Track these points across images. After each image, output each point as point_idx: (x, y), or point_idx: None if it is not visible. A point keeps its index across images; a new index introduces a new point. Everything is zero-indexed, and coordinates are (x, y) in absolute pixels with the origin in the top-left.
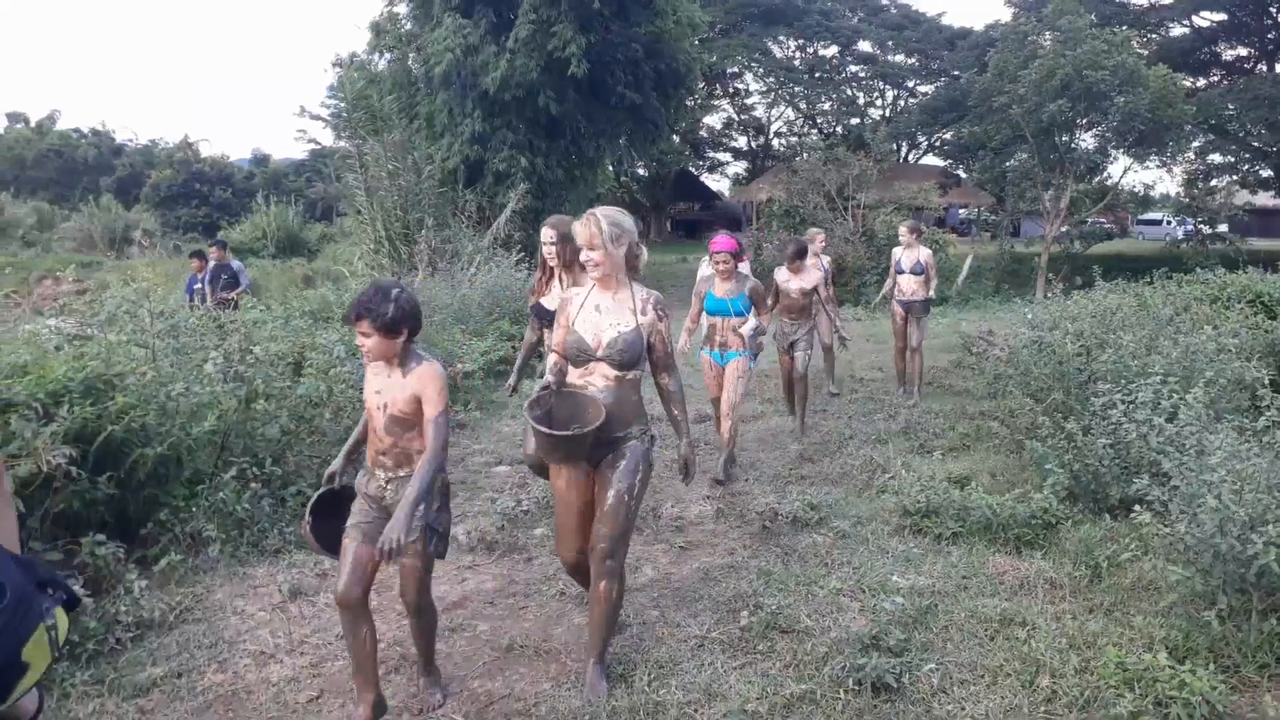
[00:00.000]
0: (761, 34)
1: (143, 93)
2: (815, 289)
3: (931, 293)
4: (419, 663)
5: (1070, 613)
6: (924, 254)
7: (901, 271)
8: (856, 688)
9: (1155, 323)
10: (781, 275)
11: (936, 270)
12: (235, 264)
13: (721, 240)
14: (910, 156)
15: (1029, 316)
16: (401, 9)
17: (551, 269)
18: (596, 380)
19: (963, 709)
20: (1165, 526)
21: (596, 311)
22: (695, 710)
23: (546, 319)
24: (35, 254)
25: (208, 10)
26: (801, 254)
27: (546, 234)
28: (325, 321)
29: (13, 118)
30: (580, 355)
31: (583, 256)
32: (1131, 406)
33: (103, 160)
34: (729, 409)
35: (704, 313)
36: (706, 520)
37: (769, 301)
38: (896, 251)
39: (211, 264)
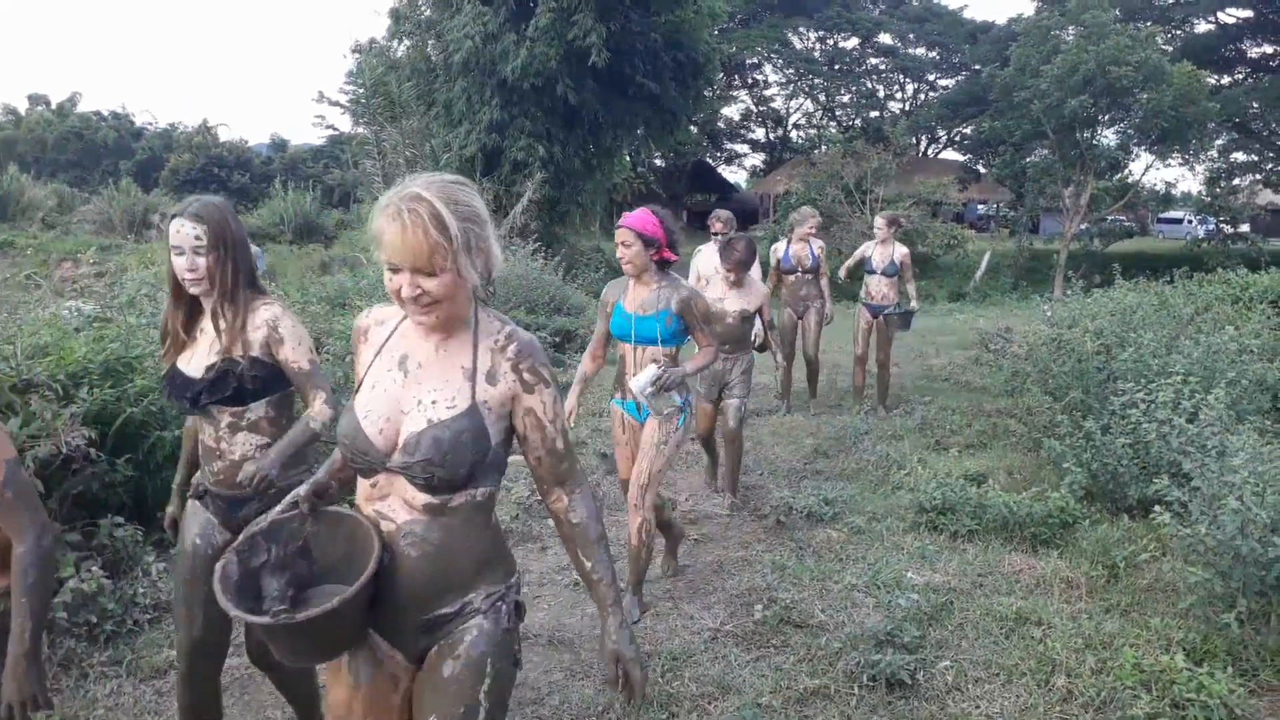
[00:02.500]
0: (781, 25)
1: (163, 76)
2: (759, 312)
3: (914, 303)
4: (727, 479)
5: (1087, 613)
6: (899, 252)
7: (871, 271)
8: (871, 684)
9: (1176, 322)
10: (712, 291)
11: (913, 272)
12: (253, 249)
13: (633, 216)
14: (930, 151)
15: (1048, 314)
16: None
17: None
18: (394, 511)
19: (978, 707)
20: (1185, 528)
21: (400, 371)
22: (708, 703)
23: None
24: (55, 236)
25: None
26: (745, 260)
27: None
28: (342, 308)
29: (34, 100)
30: (359, 458)
31: (395, 284)
32: (1151, 406)
33: (122, 143)
34: (640, 496)
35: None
36: (720, 514)
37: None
38: (868, 246)
39: None
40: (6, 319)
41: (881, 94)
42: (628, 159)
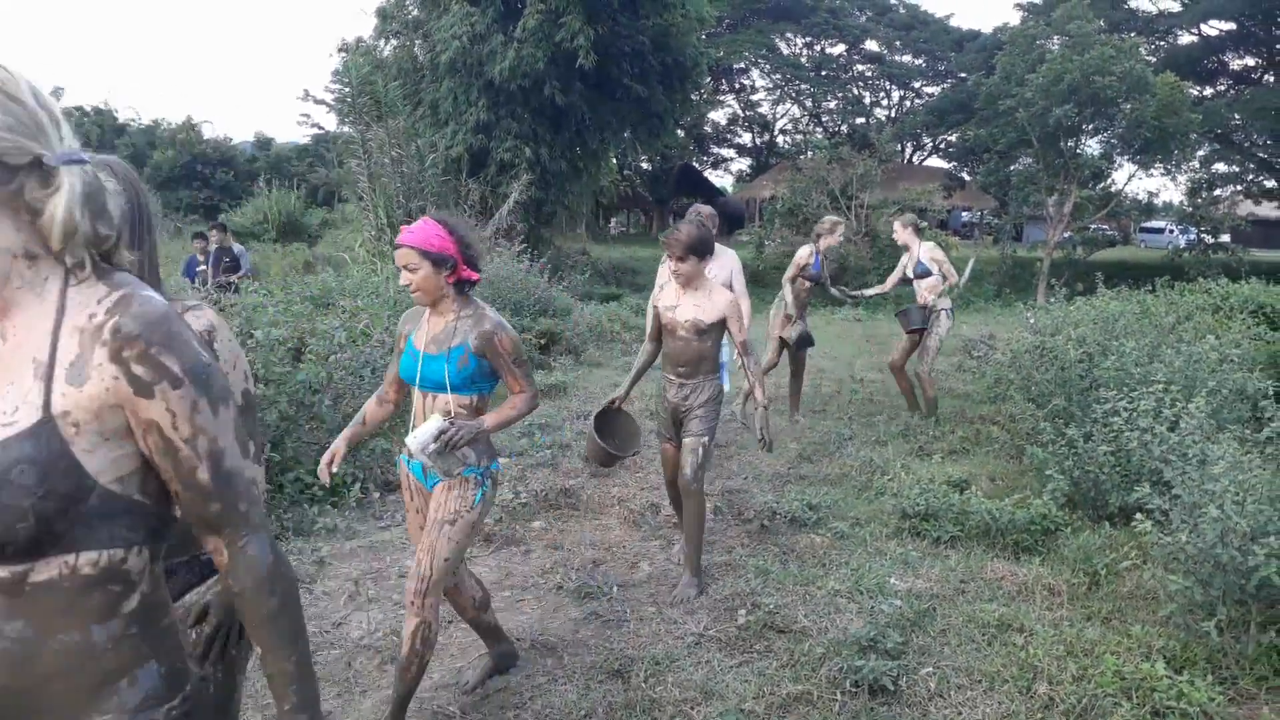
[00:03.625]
0: (769, 30)
1: (146, 72)
2: (722, 323)
3: (935, 298)
4: (685, 557)
5: (1068, 620)
6: (924, 250)
7: (908, 280)
8: (853, 689)
9: (1158, 331)
10: (665, 295)
11: (950, 266)
12: (237, 247)
13: (413, 230)
14: (915, 158)
15: (1031, 321)
16: None
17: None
18: None
19: (959, 714)
20: (1166, 535)
21: None
22: (691, 708)
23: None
24: None
25: None
26: (699, 249)
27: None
28: (326, 307)
29: None
30: None
31: None
32: (1133, 414)
33: (105, 140)
34: (419, 592)
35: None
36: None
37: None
38: (905, 256)
39: (213, 247)
40: None
41: (868, 100)
42: (614, 162)
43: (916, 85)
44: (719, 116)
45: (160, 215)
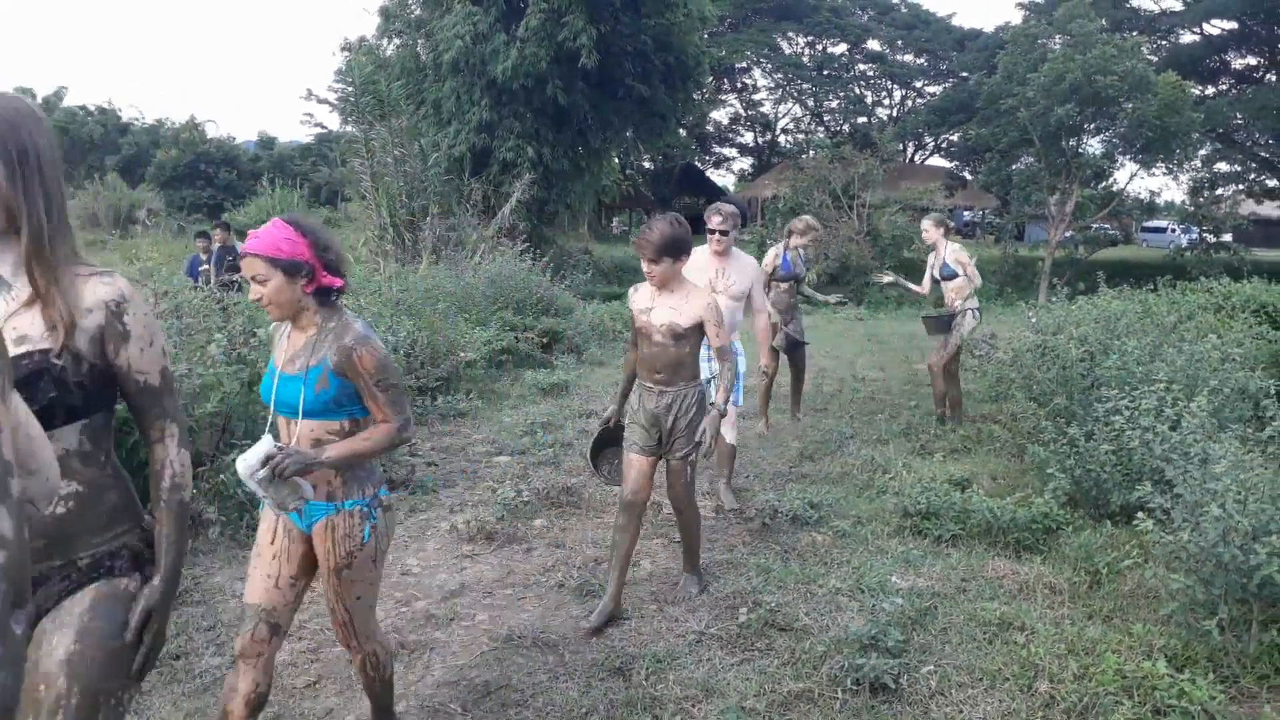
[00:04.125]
0: (771, 29)
1: (150, 71)
2: (700, 328)
3: (960, 303)
4: (684, 559)
5: (1069, 618)
6: (951, 251)
7: (936, 281)
8: (855, 687)
9: (1159, 330)
10: (640, 297)
11: (974, 269)
12: (239, 246)
13: (259, 235)
14: (917, 157)
15: (1032, 320)
16: None
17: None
18: None
19: (960, 712)
20: (1167, 534)
21: None
22: (693, 705)
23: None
24: None
25: None
26: (672, 249)
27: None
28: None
29: (19, 93)
30: None
31: None
32: (1135, 413)
33: (108, 139)
34: (349, 634)
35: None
36: (706, 516)
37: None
38: (930, 258)
39: (216, 246)
40: None
41: (869, 100)
42: (616, 161)
43: (918, 85)
44: (721, 116)
45: (164, 213)
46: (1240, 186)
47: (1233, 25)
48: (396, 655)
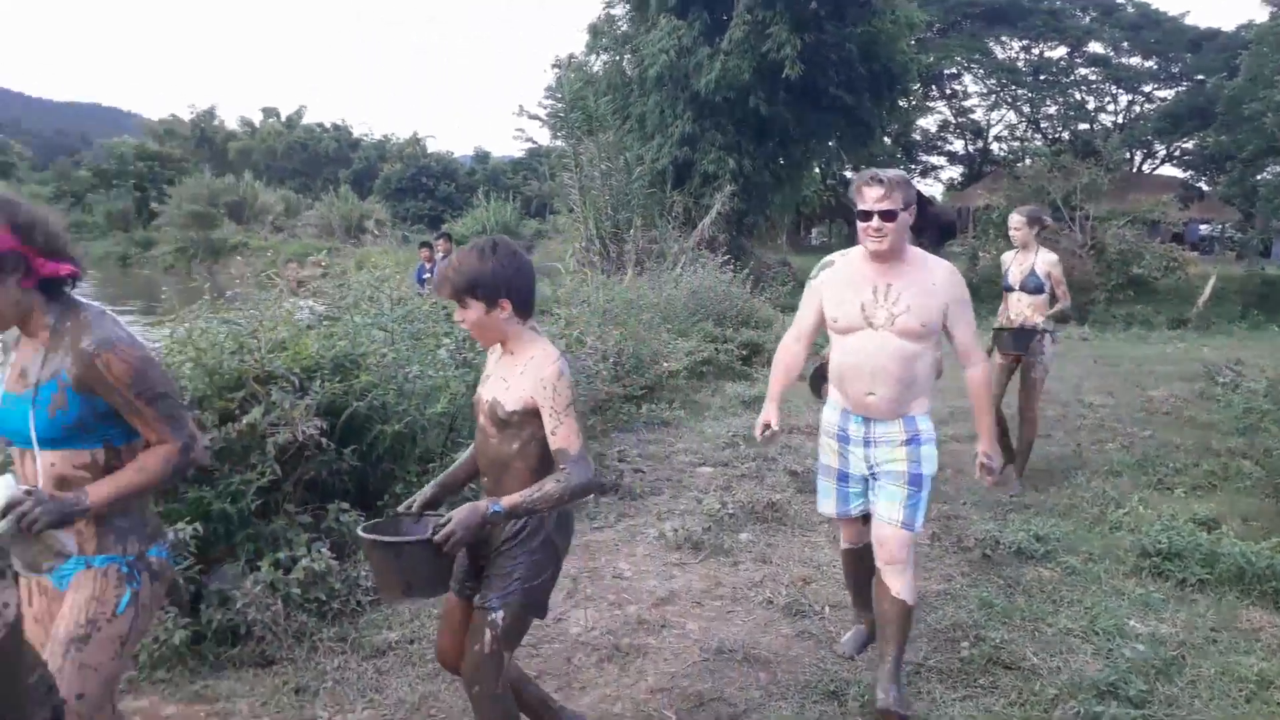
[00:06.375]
0: (983, 34)
1: (379, 90)
2: (536, 416)
3: (1045, 321)
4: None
5: None
6: (1044, 260)
7: (1009, 287)
8: None
9: None
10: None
11: (1066, 287)
12: None
13: None
14: (1145, 167)
15: None
16: (618, 10)
17: None
18: None
19: None
20: None
21: None
22: None
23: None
24: (283, 239)
25: (437, 14)
26: (486, 287)
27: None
28: (541, 314)
29: (266, 112)
30: None
31: None
32: None
33: (342, 153)
34: None
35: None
36: (921, 543)
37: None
38: (1006, 258)
39: (439, 255)
40: (251, 315)
41: (1091, 105)
42: (818, 171)
43: (1147, 89)
44: (928, 123)
45: (389, 223)
46: None
47: None
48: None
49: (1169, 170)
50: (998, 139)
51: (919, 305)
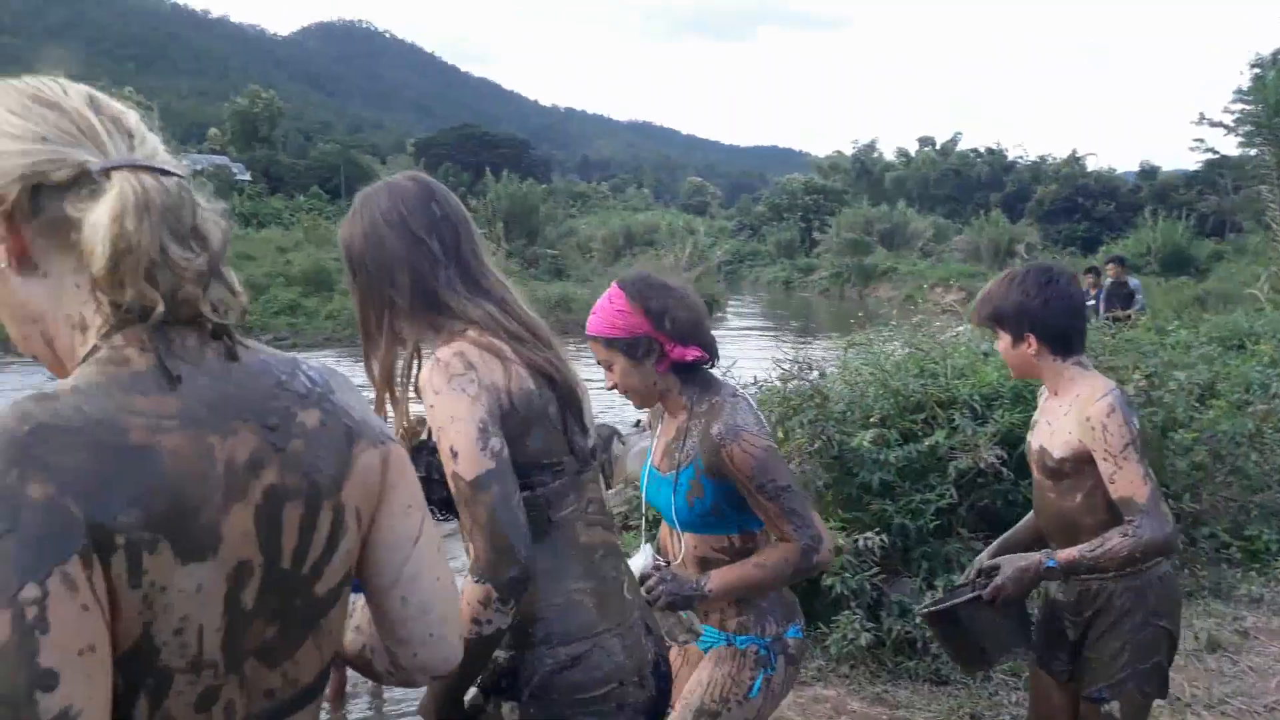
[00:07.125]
0: None
1: (1034, 110)
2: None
3: None
4: None
5: None
6: None
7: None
8: None
9: None
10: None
11: None
12: (1133, 282)
13: (594, 312)
14: None
15: None
16: None
17: None
18: None
19: None
20: None
21: None
22: None
23: None
24: (930, 264)
25: (1102, 24)
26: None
27: None
28: (1235, 350)
29: (922, 142)
30: None
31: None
32: None
33: (994, 177)
34: None
35: None
36: None
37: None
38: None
39: (1108, 281)
40: (929, 339)
41: None
42: None
43: None
44: None
45: (1040, 246)
46: None
47: None
48: None
49: None
50: None
51: None
